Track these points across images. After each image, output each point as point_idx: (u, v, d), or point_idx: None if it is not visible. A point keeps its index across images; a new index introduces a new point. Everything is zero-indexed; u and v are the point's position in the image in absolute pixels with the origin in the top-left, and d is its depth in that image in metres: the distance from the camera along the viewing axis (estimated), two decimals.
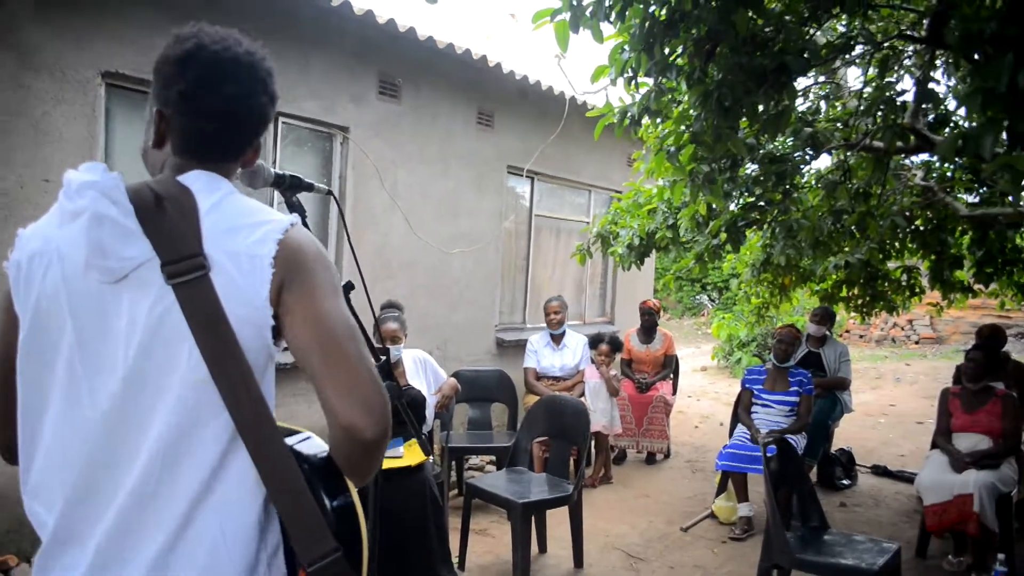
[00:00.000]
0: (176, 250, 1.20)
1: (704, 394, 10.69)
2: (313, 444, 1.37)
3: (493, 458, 6.14)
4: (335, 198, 1.84)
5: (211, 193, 1.28)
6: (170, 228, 1.22)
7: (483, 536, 4.81)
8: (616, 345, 6.40)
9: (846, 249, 5.33)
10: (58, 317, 1.24)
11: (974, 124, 5.53)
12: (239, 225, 1.24)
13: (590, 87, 3.76)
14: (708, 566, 4.61)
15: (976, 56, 2.83)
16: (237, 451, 1.19)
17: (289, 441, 1.29)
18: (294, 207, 1.70)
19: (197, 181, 1.29)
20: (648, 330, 7.18)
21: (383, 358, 1.92)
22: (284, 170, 1.68)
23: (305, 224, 1.71)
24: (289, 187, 1.69)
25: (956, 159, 5.60)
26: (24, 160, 3.85)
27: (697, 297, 19.40)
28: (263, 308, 1.20)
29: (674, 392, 7.18)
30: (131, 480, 1.18)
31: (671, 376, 7.17)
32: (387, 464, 3.94)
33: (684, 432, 8.01)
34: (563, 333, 6.43)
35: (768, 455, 3.84)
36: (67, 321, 1.23)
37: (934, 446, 5.14)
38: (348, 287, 1.81)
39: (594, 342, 6.39)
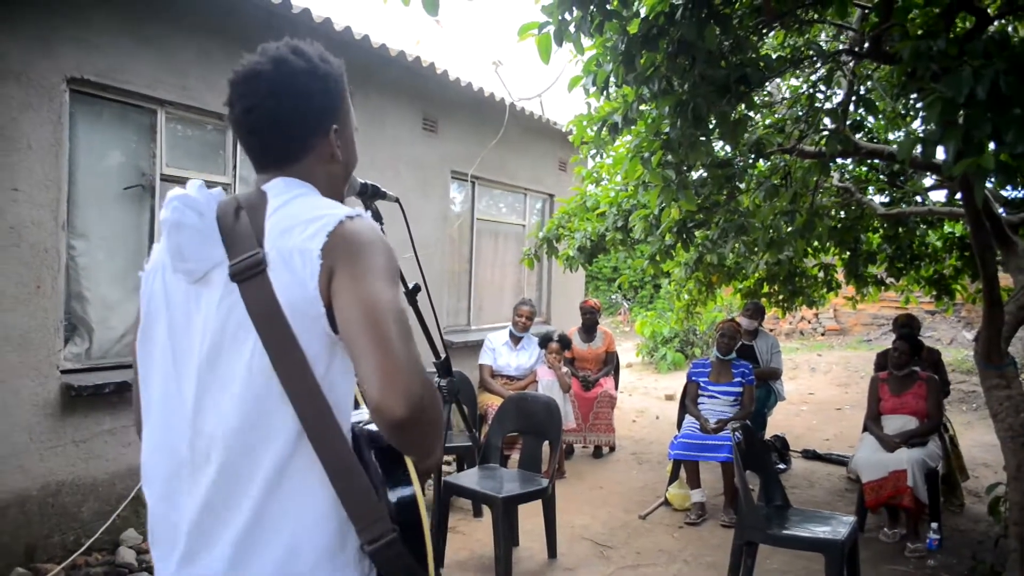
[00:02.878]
0: (240, 251, 1.30)
1: (635, 389, 11.06)
2: None
3: (450, 458, 6.24)
4: (400, 205, 1.94)
5: (281, 196, 1.37)
6: (240, 232, 1.33)
7: (454, 533, 4.92)
8: (565, 343, 6.63)
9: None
10: (159, 315, 1.38)
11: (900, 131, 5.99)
12: (295, 223, 1.30)
13: (527, 94, 3.96)
14: (671, 550, 4.86)
15: (920, 70, 3.15)
16: (306, 443, 1.25)
17: (367, 426, 1.38)
18: (372, 213, 1.82)
19: (274, 188, 1.40)
20: (589, 328, 7.42)
21: (443, 355, 2.05)
22: (366, 180, 1.79)
23: (381, 230, 1.84)
24: (371, 196, 1.81)
25: (877, 161, 6.08)
26: None
27: (613, 296, 19.89)
28: (314, 299, 1.24)
29: (616, 387, 7.45)
30: (210, 472, 1.28)
31: (613, 372, 7.44)
32: None
33: (623, 426, 8.30)
34: (524, 335, 6.63)
35: (736, 440, 4.10)
36: (164, 319, 1.37)
37: (866, 429, 5.53)
38: (415, 289, 1.93)
39: (544, 341, 6.59)
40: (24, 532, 3.96)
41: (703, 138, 3.69)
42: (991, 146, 2.82)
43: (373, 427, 1.36)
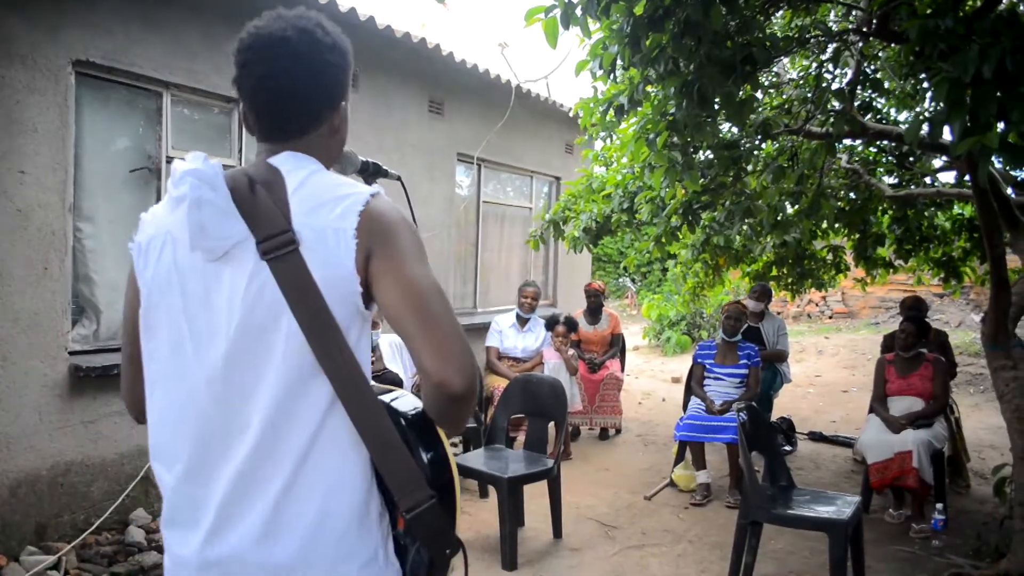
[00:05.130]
0: (268, 228, 1.29)
1: (641, 372, 11.09)
2: (407, 401, 1.46)
3: (456, 439, 6.28)
4: (402, 184, 1.94)
5: (297, 172, 1.36)
6: (263, 208, 1.31)
7: (459, 514, 4.94)
8: (571, 325, 6.64)
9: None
10: (170, 292, 1.36)
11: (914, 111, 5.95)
12: (323, 201, 1.31)
13: (532, 76, 3.94)
14: (676, 530, 4.88)
15: (927, 49, 3.12)
16: (336, 412, 1.28)
17: (385, 399, 1.40)
18: None
19: (286, 163, 1.38)
20: (594, 311, 7.42)
21: None
22: (368, 158, 1.78)
23: None
24: (372, 174, 1.80)
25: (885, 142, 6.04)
26: None
27: (620, 280, 19.88)
28: (350, 277, 1.27)
29: (622, 369, 7.47)
30: (245, 446, 1.28)
31: (619, 354, 7.45)
32: None
33: (630, 408, 8.31)
34: (531, 317, 6.64)
35: (742, 420, 4.11)
36: (177, 296, 1.35)
37: (872, 410, 5.53)
38: None
39: (550, 324, 6.61)
40: (35, 511, 4.00)
41: (709, 119, 3.67)
42: (1000, 126, 2.80)
43: (397, 405, 1.41)
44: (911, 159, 6.40)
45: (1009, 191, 4.61)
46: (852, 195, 6.49)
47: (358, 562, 1.30)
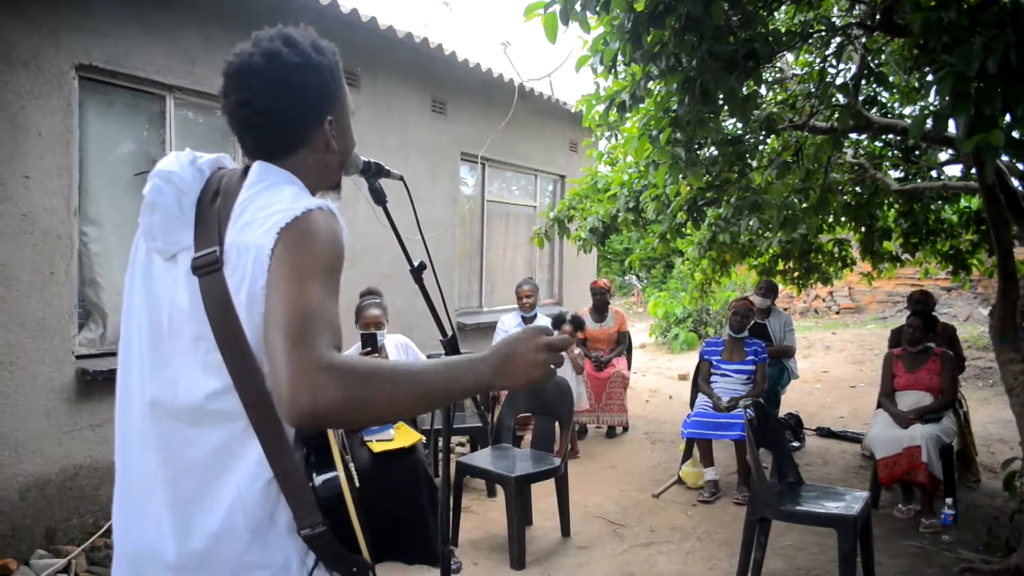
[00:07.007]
0: (202, 244, 1.32)
1: (648, 370, 11.07)
2: None
3: (463, 439, 6.28)
4: (405, 183, 1.94)
5: (253, 186, 1.36)
6: (209, 221, 1.34)
7: (467, 513, 4.95)
8: (578, 324, 6.64)
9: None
10: (137, 284, 1.42)
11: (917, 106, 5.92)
12: (257, 217, 1.29)
13: (535, 74, 3.93)
14: (684, 527, 4.88)
15: (931, 43, 3.10)
16: (250, 430, 1.29)
17: None
18: (376, 191, 1.83)
19: (253, 173, 1.39)
20: (600, 309, 7.43)
21: (450, 334, 2.05)
22: (370, 159, 1.78)
23: (384, 207, 1.83)
24: (373, 174, 1.80)
25: (890, 136, 6.01)
26: (2, 156, 3.79)
27: (626, 277, 19.85)
28: (261, 297, 1.25)
29: (629, 367, 7.46)
30: (161, 446, 1.33)
31: (625, 352, 7.44)
32: (380, 447, 4.05)
33: (637, 406, 8.31)
34: (535, 315, 6.63)
35: (749, 416, 4.10)
36: (141, 288, 1.41)
37: (880, 405, 5.50)
38: (420, 267, 1.94)
39: (556, 322, 6.59)
40: (44, 515, 4.02)
41: (712, 115, 3.66)
42: (1007, 119, 2.78)
43: None
44: (917, 153, 6.37)
45: (1016, 184, 4.58)
46: (858, 189, 6.47)
47: (267, 571, 1.31)
